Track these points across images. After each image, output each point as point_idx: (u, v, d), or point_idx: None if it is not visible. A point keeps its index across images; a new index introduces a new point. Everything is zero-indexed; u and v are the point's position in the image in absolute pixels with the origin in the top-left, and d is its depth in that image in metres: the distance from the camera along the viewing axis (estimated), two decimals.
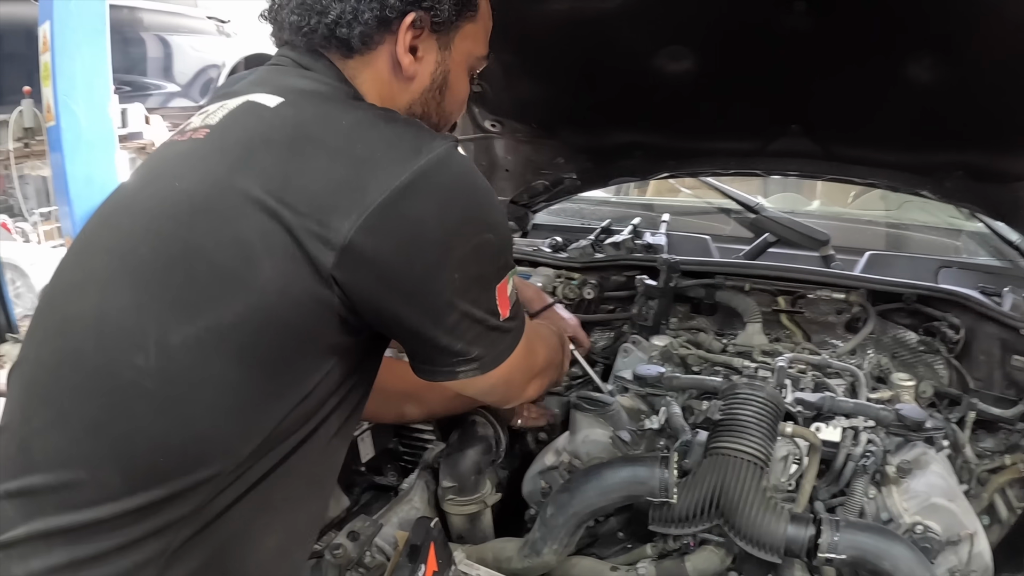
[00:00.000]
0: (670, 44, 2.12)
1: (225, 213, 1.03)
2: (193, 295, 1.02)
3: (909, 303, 2.22)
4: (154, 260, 1.05)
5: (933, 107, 2.08)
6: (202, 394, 1.01)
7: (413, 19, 1.18)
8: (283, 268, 1.00)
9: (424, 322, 1.10)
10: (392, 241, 1.02)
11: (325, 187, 1.02)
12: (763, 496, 1.52)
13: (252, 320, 1.00)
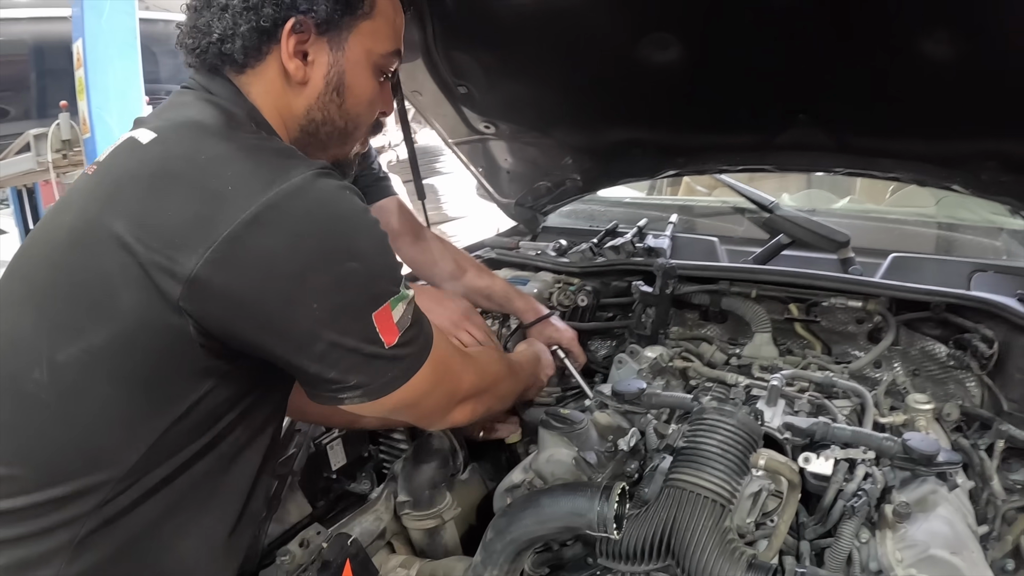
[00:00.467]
0: (651, 32, 1.95)
1: (93, 247, 1.08)
2: (73, 319, 1.09)
3: (937, 312, 1.97)
4: (46, 286, 1.13)
5: (957, 88, 1.85)
6: (86, 408, 1.09)
7: (293, 24, 1.19)
8: (138, 299, 1.04)
9: (288, 351, 1.10)
10: (240, 274, 1.03)
11: (177, 223, 1.04)
12: (721, 538, 1.32)
13: (117, 345, 1.07)
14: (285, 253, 1.04)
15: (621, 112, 2.32)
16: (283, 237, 1.03)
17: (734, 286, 2.16)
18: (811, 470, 1.47)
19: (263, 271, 1.03)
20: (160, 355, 1.07)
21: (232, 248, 1.01)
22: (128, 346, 1.06)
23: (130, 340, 1.06)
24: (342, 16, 1.23)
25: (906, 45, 1.77)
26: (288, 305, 1.05)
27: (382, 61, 1.34)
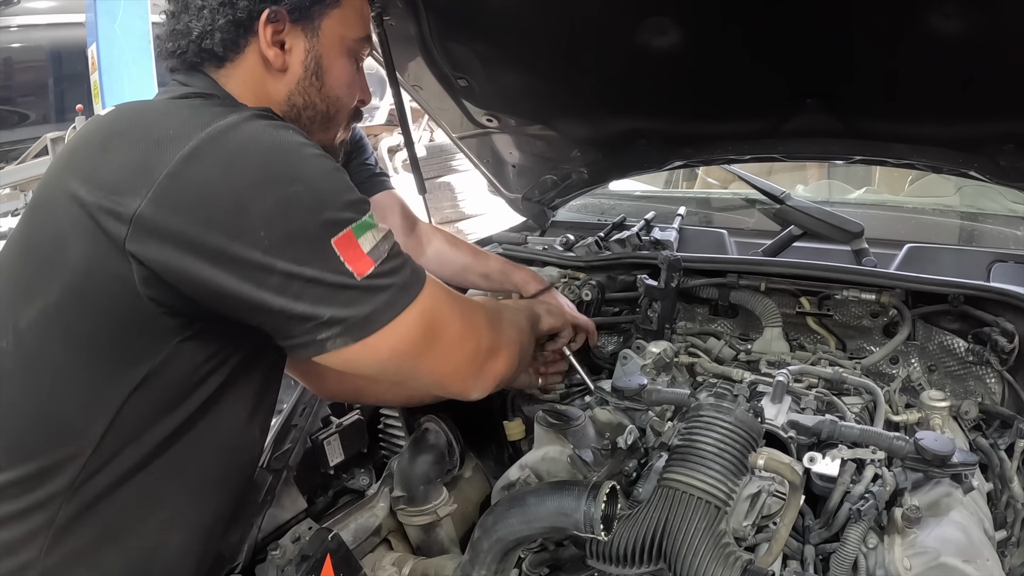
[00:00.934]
0: (648, 16, 1.88)
1: (51, 208, 1.13)
2: (32, 283, 1.12)
3: (955, 305, 1.88)
4: (14, 255, 1.19)
5: (971, 67, 1.76)
6: (46, 374, 1.12)
7: (268, 14, 1.23)
8: (85, 247, 1.06)
9: (244, 287, 1.04)
10: (182, 208, 1.02)
11: (122, 171, 1.06)
12: (715, 541, 1.26)
13: (68, 301, 1.09)
14: (222, 180, 1.03)
15: (623, 101, 2.25)
16: (219, 166, 1.04)
17: (743, 279, 2.09)
18: (816, 470, 1.39)
19: (203, 202, 1.02)
20: (108, 311, 1.08)
21: (172, 183, 1.02)
22: (77, 301, 1.08)
23: (78, 294, 1.08)
24: (312, 5, 1.27)
25: (915, 21, 1.68)
26: (232, 234, 1.02)
27: (355, 46, 1.38)
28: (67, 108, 6.00)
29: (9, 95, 6.74)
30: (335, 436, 1.88)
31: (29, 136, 6.15)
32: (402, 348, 1.14)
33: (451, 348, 1.23)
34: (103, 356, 1.10)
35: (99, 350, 1.10)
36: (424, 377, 1.24)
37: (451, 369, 1.26)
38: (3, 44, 6.59)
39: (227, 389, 1.21)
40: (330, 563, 1.45)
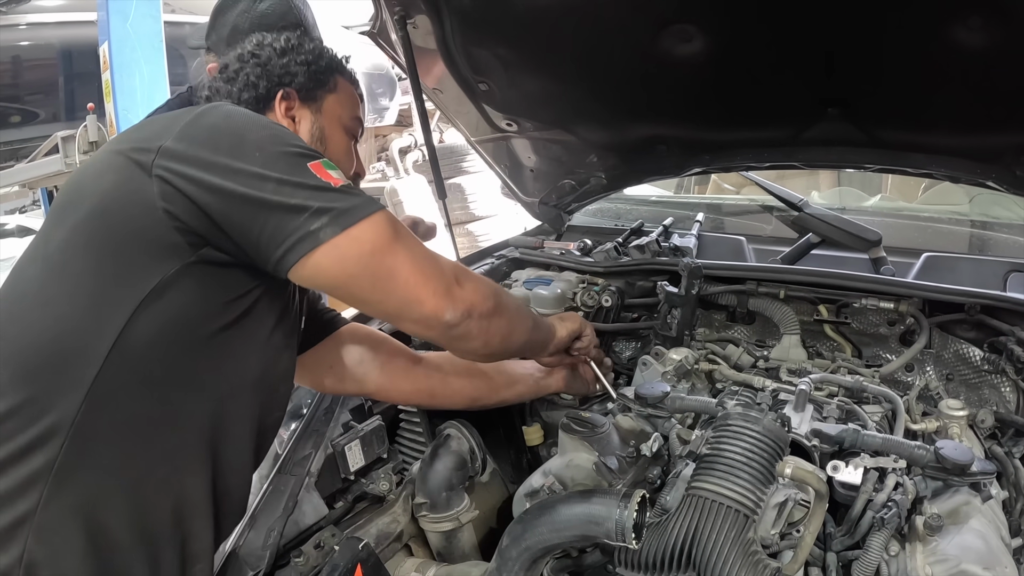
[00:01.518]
0: (672, 24, 1.88)
1: (96, 164, 1.32)
2: (65, 212, 1.27)
3: (972, 314, 1.90)
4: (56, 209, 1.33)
5: (992, 78, 1.77)
6: (63, 286, 1.21)
7: (282, 94, 1.55)
8: (117, 177, 1.25)
9: (246, 191, 1.22)
10: (196, 139, 1.25)
11: (153, 130, 1.30)
12: (744, 549, 1.28)
13: (94, 216, 1.23)
14: (224, 123, 1.30)
15: (644, 108, 2.26)
16: (222, 116, 1.32)
17: (762, 286, 2.10)
18: (839, 479, 1.42)
19: (212, 137, 1.26)
20: (126, 222, 1.22)
21: (188, 128, 1.26)
22: (102, 215, 1.22)
23: (103, 210, 1.23)
24: (315, 89, 1.60)
25: (939, 33, 1.70)
26: (236, 154, 1.23)
27: (350, 124, 1.67)
28: (78, 107, 6.01)
29: (18, 93, 6.74)
30: (356, 441, 1.89)
31: (39, 134, 6.16)
32: (380, 242, 1.28)
33: (419, 258, 1.34)
34: (115, 266, 1.21)
35: (113, 260, 1.21)
36: (399, 284, 1.31)
37: (420, 278, 1.33)
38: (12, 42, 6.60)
39: (232, 332, 1.30)
40: (361, 572, 1.47)
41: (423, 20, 2.15)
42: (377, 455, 1.94)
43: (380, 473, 1.95)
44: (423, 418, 2.06)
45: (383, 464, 1.98)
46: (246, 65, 1.56)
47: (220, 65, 1.61)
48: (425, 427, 2.06)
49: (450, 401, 1.89)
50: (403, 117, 7.92)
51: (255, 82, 1.54)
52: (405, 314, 1.36)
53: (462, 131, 2.70)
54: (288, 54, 1.58)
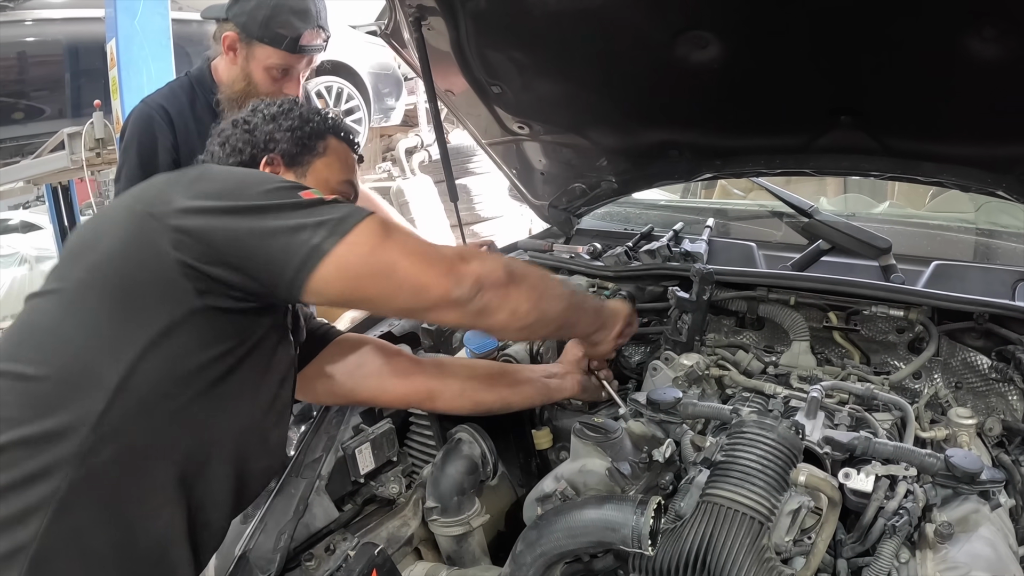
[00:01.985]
0: (689, 30, 1.89)
1: (113, 213, 1.40)
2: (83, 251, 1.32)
3: (981, 323, 1.91)
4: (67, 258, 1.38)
5: (1004, 88, 1.79)
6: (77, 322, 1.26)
7: (266, 160, 1.63)
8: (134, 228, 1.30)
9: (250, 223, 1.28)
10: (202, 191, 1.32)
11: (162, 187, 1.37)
12: (758, 556, 1.29)
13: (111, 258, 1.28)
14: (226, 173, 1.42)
15: (658, 113, 2.27)
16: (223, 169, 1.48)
17: (772, 292, 2.11)
18: (851, 486, 1.43)
19: (215, 185, 1.34)
20: (142, 266, 1.27)
21: (195, 183, 1.34)
22: (119, 257, 1.28)
23: (122, 252, 1.28)
24: (301, 154, 1.66)
25: (952, 43, 1.71)
26: (237, 195, 1.31)
27: (339, 187, 1.70)
28: (84, 104, 6.01)
29: (24, 89, 6.74)
30: (366, 445, 1.88)
31: (44, 131, 6.16)
32: (375, 241, 1.31)
33: (415, 248, 1.36)
34: (128, 308, 1.26)
35: (126, 302, 1.26)
36: (402, 276, 1.33)
37: (421, 266, 1.34)
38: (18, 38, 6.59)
39: (233, 375, 1.35)
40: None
41: (437, 22, 2.16)
42: (387, 458, 1.94)
43: (390, 476, 1.94)
44: (433, 422, 2.06)
45: (393, 467, 1.97)
46: (235, 131, 1.66)
47: (219, 129, 1.70)
48: (435, 431, 2.06)
49: (452, 404, 1.87)
50: (409, 117, 7.94)
51: (241, 148, 1.64)
52: (418, 304, 1.37)
53: (472, 133, 2.71)
54: (276, 120, 1.66)
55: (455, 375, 1.87)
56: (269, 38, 2.42)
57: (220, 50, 2.54)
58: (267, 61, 2.46)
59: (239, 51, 2.49)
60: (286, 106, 1.70)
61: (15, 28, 6.58)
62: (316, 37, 2.49)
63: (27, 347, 1.27)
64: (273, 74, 2.48)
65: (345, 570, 1.52)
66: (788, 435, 1.45)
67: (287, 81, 2.52)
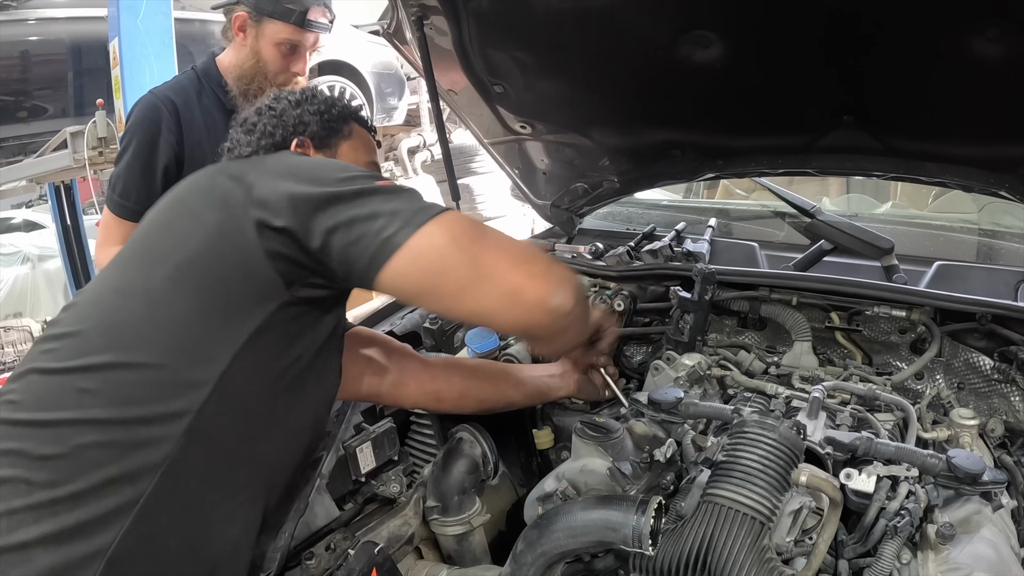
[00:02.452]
0: (692, 30, 1.89)
1: (177, 209, 1.41)
2: (166, 249, 1.32)
3: (983, 323, 1.90)
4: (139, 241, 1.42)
5: (1008, 88, 1.79)
6: (168, 327, 1.25)
7: (296, 142, 1.64)
8: (219, 218, 1.30)
9: (330, 210, 1.27)
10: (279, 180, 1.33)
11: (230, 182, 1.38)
12: (759, 556, 1.29)
13: (201, 257, 1.28)
14: (299, 160, 1.47)
15: (660, 113, 2.27)
16: (293, 156, 1.54)
17: (774, 293, 2.11)
18: (853, 487, 1.43)
19: (291, 171, 1.35)
20: (234, 265, 1.27)
21: (272, 171, 1.36)
22: (208, 257, 1.28)
23: (210, 251, 1.28)
24: (329, 136, 1.68)
25: (956, 43, 1.71)
26: (315, 176, 1.32)
27: (367, 167, 1.68)
28: (87, 102, 6.01)
29: (27, 88, 6.74)
30: (367, 443, 1.88)
31: (47, 129, 6.16)
32: (455, 233, 1.26)
33: (496, 239, 1.32)
34: (224, 308, 1.26)
35: (219, 302, 1.26)
36: (493, 272, 1.27)
37: (506, 258, 1.29)
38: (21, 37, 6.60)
39: (310, 369, 1.38)
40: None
41: (440, 21, 2.16)
42: (388, 457, 1.94)
43: (391, 475, 1.94)
44: (434, 421, 2.07)
45: (394, 466, 1.97)
46: (263, 117, 1.66)
47: (242, 118, 1.71)
48: (436, 430, 2.07)
49: (457, 404, 1.88)
50: (411, 117, 7.94)
51: (271, 131, 1.64)
52: (504, 305, 1.29)
53: (475, 133, 2.71)
54: (301, 104, 1.68)
55: (460, 376, 1.88)
56: (279, 13, 2.46)
57: (227, 44, 2.61)
58: (277, 36, 2.50)
59: (249, 30, 2.53)
60: (308, 92, 1.72)
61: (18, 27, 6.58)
62: (323, 15, 2.53)
63: (115, 346, 1.24)
64: (282, 50, 2.52)
65: (345, 569, 1.53)
66: (789, 435, 1.44)
67: (295, 59, 2.56)
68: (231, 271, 1.27)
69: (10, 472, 1.14)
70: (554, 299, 1.28)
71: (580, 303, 1.35)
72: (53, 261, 8.22)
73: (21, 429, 1.19)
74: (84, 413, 1.18)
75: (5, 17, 6.47)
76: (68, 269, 6.91)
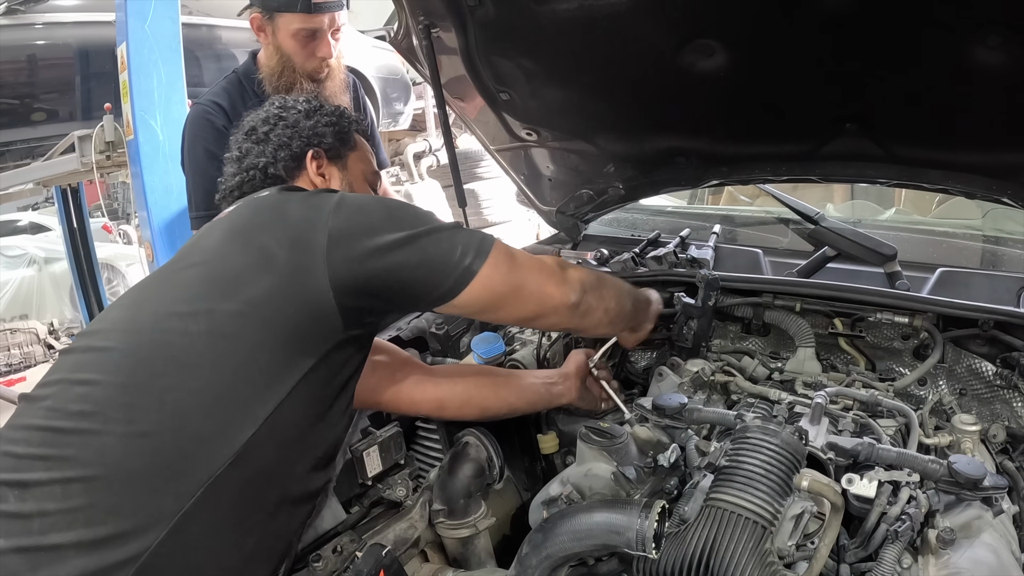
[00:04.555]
0: (695, 38, 1.91)
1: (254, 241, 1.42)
2: (237, 281, 1.35)
3: (986, 329, 1.91)
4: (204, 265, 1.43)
5: (1010, 96, 1.80)
6: (233, 357, 1.29)
7: (312, 154, 1.71)
8: (292, 259, 1.36)
9: (407, 253, 1.41)
10: (354, 226, 1.42)
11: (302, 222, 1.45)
12: (761, 561, 1.30)
13: (272, 297, 1.33)
14: (370, 204, 1.49)
15: (665, 120, 2.28)
16: (358, 198, 1.51)
17: (778, 299, 2.12)
18: (854, 492, 1.44)
19: (369, 219, 1.43)
20: (302, 307, 1.33)
21: (338, 215, 1.41)
22: (279, 297, 1.33)
23: (282, 292, 1.33)
24: (341, 148, 1.77)
25: (958, 51, 1.72)
26: (389, 228, 1.41)
27: (371, 178, 1.86)
28: (94, 107, 6.04)
29: (34, 92, 6.78)
30: (374, 448, 1.89)
31: (55, 133, 6.18)
32: (509, 261, 1.53)
33: (534, 263, 1.61)
34: (285, 345, 1.32)
35: (284, 339, 1.32)
36: (531, 288, 1.59)
37: (541, 277, 1.60)
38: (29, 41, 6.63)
39: (345, 395, 1.47)
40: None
41: (447, 29, 2.18)
42: (395, 461, 1.94)
43: (397, 479, 1.95)
44: (440, 426, 2.08)
45: (400, 470, 1.98)
46: (275, 127, 1.71)
47: (248, 127, 1.74)
48: (442, 434, 2.08)
49: (460, 411, 1.91)
50: (417, 122, 7.96)
51: (287, 142, 1.69)
52: (540, 311, 1.62)
53: (481, 140, 2.73)
54: (313, 115, 1.74)
55: (463, 383, 1.91)
56: (285, 4, 2.49)
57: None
58: (290, 28, 2.53)
59: (266, 29, 2.57)
60: (315, 103, 1.79)
61: (26, 31, 6.61)
62: None
63: (172, 371, 1.27)
64: (300, 39, 2.55)
65: (353, 571, 1.54)
66: (792, 440, 1.46)
67: (317, 44, 2.58)
68: (300, 312, 1.33)
69: (45, 475, 1.17)
70: (571, 296, 1.63)
71: (590, 291, 1.69)
72: (59, 263, 8.25)
73: (63, 436, 1.21)
74: (132, 428, 1.21)
75: (13, 21, 6.50)
76: (74, 272, 6.93)
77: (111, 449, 1.18)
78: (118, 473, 1.17)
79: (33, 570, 1.10)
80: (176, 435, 1.21)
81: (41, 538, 1.12)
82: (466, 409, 1.90)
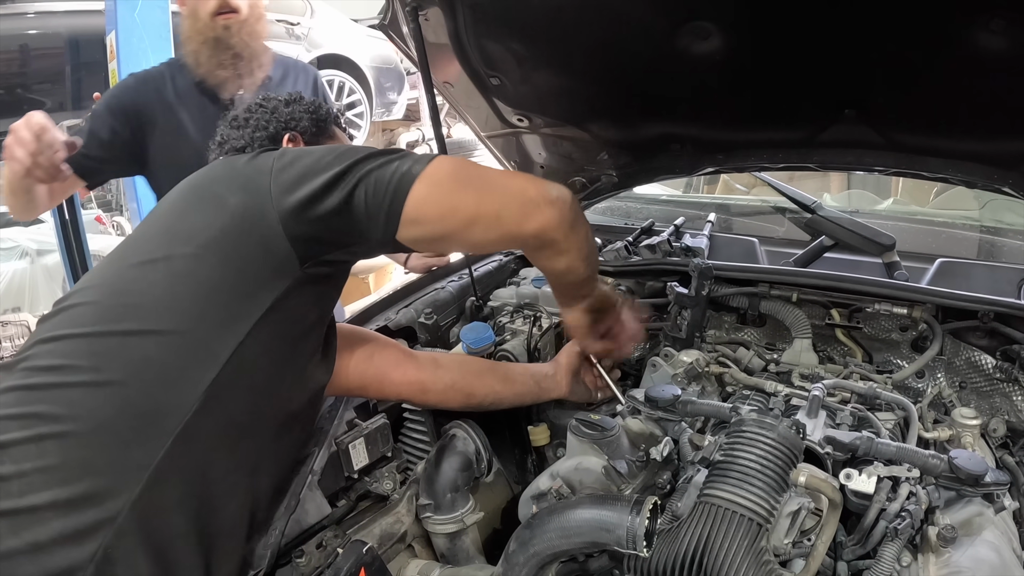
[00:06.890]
0: (690, 21, 1.85)
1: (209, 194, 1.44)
2: (192, 224, 1.37)
3: (986, 321, 1.87)
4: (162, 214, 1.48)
5: (1011, 83, 1.75)
6: (198, 295, 1.30)
7: (288, 136, 1.74)
8: (243, 202, 1.36)
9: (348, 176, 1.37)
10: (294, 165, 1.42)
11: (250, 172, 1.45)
12: (756, 559, 1.26)
13: (227, 235, 1.33)
14: (306, 152, 1.45)
15: (659, 106, 2.23)
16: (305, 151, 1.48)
17: (774, 289, 2.08)
18: (852, 488, 1.40)
19: (304, 167, 1.39)
20: (255, 243, 1.34)
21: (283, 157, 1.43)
22: (234, 235, 1.33)
23: (235, 230, 1.33)
24: (317, 135, 1.80)
25: (960, 36, 1.67)
26: (324, 162, 1.38)
27: None
28: (84, 96, 6.02)
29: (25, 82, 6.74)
30: (360, 440, 1.85)
31: None
32: (458, 161, 1.43)
33: (494, 168, 1.55)
34: (241, 284, 1.32)
35: (240, 277, 1.32)
36: (499, 181, 1.46)
37: (511, 174, 1.59)
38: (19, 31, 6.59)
39: (310, 346, 1.47)
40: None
41: (435, 13, 2.12)
42: (381, 454, 1.90)
43: (384, 472, 1.90)
44: (427, 417, 2.04)
45: (387, 463, 1.93)
46: (255, 114, 1.75)
47: (230, 117, 1.78)
48: (430, 427, 2.04)
49: (443, 397, 1.87)
50: (411, 111, 7.91)
51: (264, 124, 1.72)
52: (520, 208, 1.42)
53: (471, 126, 2.68)
54: (292, 104, 1.78)
55: (447, 369, 1.86)
56: None
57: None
58: None
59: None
60: (296, 96, 1.83)
61: (17, 21, 6.57)
62: None
63: (134, 315, 1.28)
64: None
65: (333, 568, 1.50)
66: (788, 435, 1.41)
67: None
68: (254, 249, 1.33)
69: (20, 434, 1.15)
70: (552, 191, 1.45)
71: (574, 203, 1.51)
72: (51, 256, 8.19)
73: (34, 393, 1.20)
74: (99, 376, 1.20)
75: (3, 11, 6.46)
76: (67, 264, 6.87)
77: (79, 400, 1.18)
78: (88, 424, 1.17)
79: (15, 534, 1.08)
80: (142, 381, 1.21)
81: (20, 500, 1.10)
82: (450, 394, 1.86)
